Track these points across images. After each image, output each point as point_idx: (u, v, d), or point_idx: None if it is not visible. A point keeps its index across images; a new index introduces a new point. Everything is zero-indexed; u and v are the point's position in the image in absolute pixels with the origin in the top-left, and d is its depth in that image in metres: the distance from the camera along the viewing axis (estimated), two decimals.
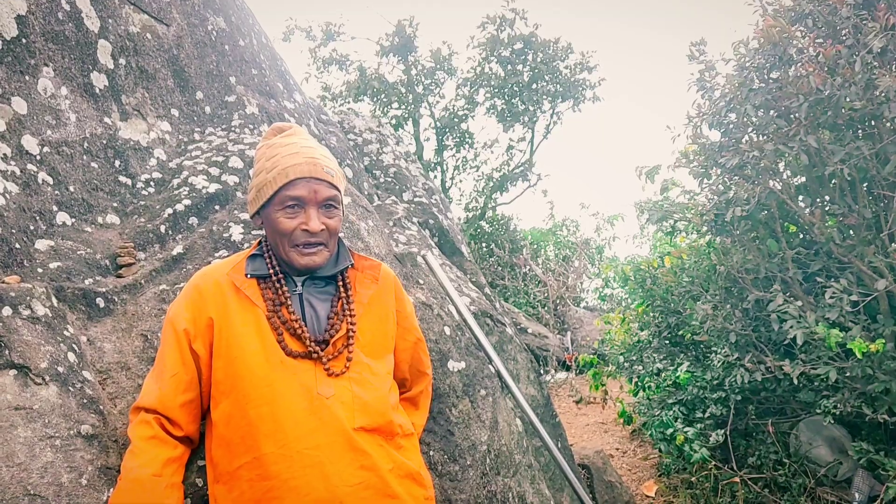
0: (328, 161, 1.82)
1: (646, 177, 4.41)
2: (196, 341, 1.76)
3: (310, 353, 1.73)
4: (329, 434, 1.66)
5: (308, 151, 1.80)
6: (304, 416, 1.66)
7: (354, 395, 1.72)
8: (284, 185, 1.74)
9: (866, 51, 3.15)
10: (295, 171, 1.74)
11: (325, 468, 1.62)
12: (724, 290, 4.11)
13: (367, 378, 1.79)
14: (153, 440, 1.70)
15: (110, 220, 2.58)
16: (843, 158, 3.25)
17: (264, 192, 1.77)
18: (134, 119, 2.86)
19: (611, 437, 5.98)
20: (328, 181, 1.78)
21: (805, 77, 3.24)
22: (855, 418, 3.74)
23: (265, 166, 1.80)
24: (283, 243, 1.77)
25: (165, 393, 1.74)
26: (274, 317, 1.76)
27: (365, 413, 1.72)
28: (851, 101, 3.20)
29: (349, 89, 11.93)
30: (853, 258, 3.43)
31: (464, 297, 3.37)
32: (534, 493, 2.86)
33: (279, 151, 1.80)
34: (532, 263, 12.00)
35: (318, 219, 1.76)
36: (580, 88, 11.72)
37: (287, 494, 1.60)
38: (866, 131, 3.46)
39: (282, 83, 3.71)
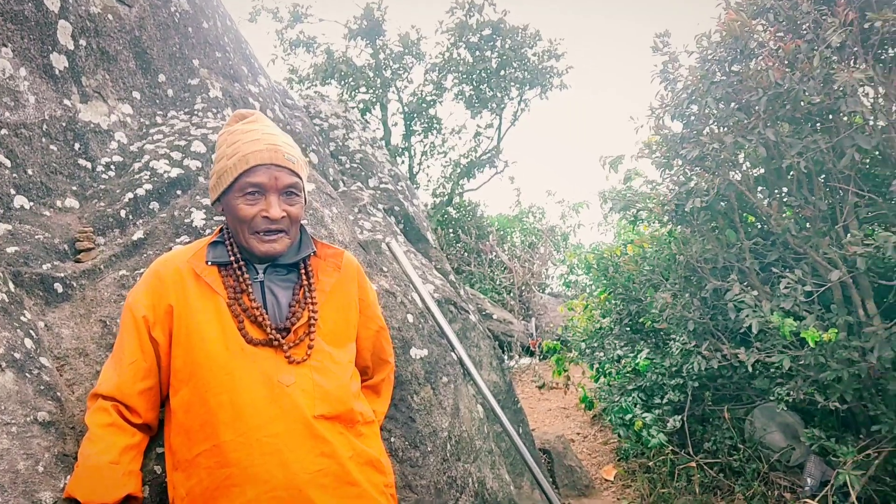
0: (290, 148, 1.82)
1: (609, 166, 4.45)
2: (155, 328, 1.75)
3: (270, 340, 1.73)
4: (289, 422, 1.66)
5: (269, 138, 1.79)
6: (264, 403, 1.66)
7: (315, 383, 1.73)
8: (245, 171, 1.73)
9: (825, 46, 3.22)
10: (255, 157, 1.73)
11: (285, 455, 1.63)
12: (683, 279, 4.19)
13: (329, 366, 1.79)
14: (111, 427, 1.70)
15: (69, 204, 2.55)
16: (800, 151, 3.32)
17: (225, 179, 1.77)
18: (94, 101, 2.82)
19: (572, 422, 6.07)
20: (289, 168, 1.78)
21: (765, 71, 3.30)
22: (808, 405, 3.84)
23: (226, 153, 1.79)
24: (243, 230, 1.77)
25: (124, 380, 1.73)
26: (235, 304, 1.75)
27: (325, 401, 1.73)
28: (810, 95, 3.27)
29: (316, 72, 11.82)
30: (808, 249, 3.51)
31: (428, 284, 3.39)
32: (494, 477, 2.91)
33: (240, 138, 1.79)
34: (498, 250, 12.07)
35: (279, 206, 1.75)
36: (548, 76, 11.76)
37: (246, 482, 1.60)
38: (824, 125, 3.53)
39: (246, 66, 3.67)
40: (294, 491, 1.61)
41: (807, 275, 3.45)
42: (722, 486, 4.04)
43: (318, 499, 1.63)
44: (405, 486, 2.40)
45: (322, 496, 1.64)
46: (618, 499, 4.40)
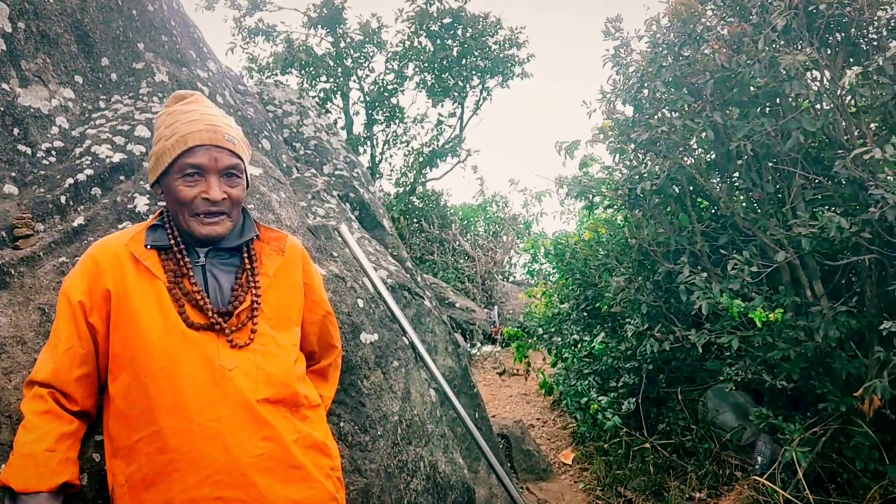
0: (230, 129, 1.79)
1: (565, 152, 4.47)
2: (92, 314, 1.71)
3: (212, 324, 1.70)
4: (231, 406, 1.64)
5: (209, 119, 1.76)
6: (205, 388, 1.63)
7: (258, 367, 1.71)
8: (183, 152, 1.70)
9: (770, 29, 3.26)
10: (194, 138, 1.70)
11: (227, 440, 1.61)
12: (636, 263, 4.24)
13: (272, 350, 1.77)
14: (47, 415, 1.66)
15: (8, 191, 2.49)
16: (747, 134, 3.36)
17: (163, 160, 1.73)
18: (34, 85, 2.75)
19: (532, 407, 6.11)
20: (229, 149, 1.75)
21: (712, 54, 3.34)
22: (757, 385, 3.92)
23: (164, 134, 1.76)
24: (183, 212, 1.73)
25: (60, 366, 1.69)
26: (175, 288, 1.72)
27: (269, 384, 1.71)
28: (756, 79, 3.32)
29: (276, 61, 11.66)
30: (757, 231, 3.57)
31: (381, 270, 3.38)
32: (447, 461, 2.92)
33: (179, 118, 1.76)
34: (461, 239, 12.08)
35: (220, 187, 1.73)
36: (509, 64, 11.75)
37: (187, 467, 1.58)
38: (770, 108, 3.59)
39: (195, 51, 3.61)
40: (237, 475, 1.59)
41: (755, 256, 3.51)
42: (675, 466, 4.11)
43: (261, 482, 1.62)
44: (354, 471, 2.39)
45: (265, 480, 1.63)
46: (575, 482, 4.45)
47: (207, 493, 1.57)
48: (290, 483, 1.68)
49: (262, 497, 1.61)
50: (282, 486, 1.66)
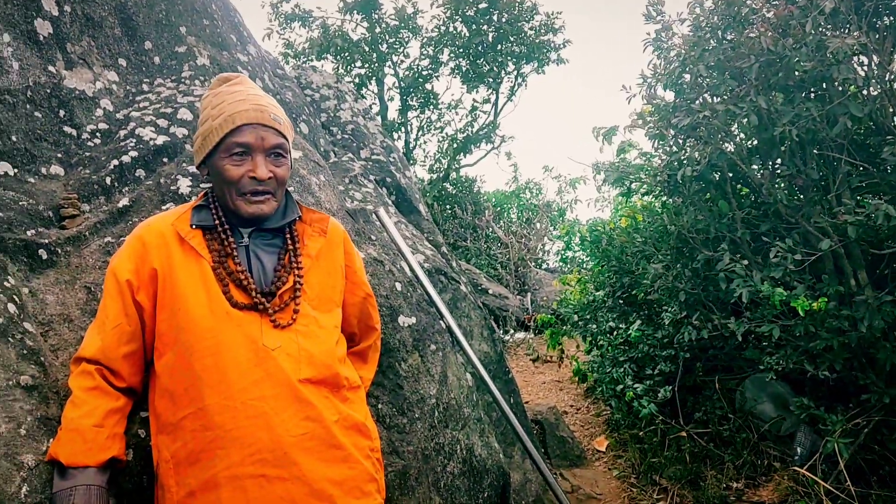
0: (275, 109, 1.80)
1: (603, 138, 4.43)
2: (139, 292, 1.74)
3: (255, 304, 1.71)
4: (274, 385, 1.65)
5: (255, 99, 1.78)
6: (249, 367, 1.65)
7: (300, 348, 1.72)
8: (231, 131, 1.72)
9: (818, 12, 3.18)
10: (241, 116, 1.72)
11: (270, 419, 1.63)
12: (675, 250, 4.18)
13: (314, 331, 1.79)
14: (95, 391, 1.69)
15: (54, 171, 2.54)
16: (792, 120, 3.29)
17: (210, 140, 1.75)
18: (79, 68, 2.79)
19: (566, 394, 6.09)
20: (275, 128, 1.76)
21: (757, 37, 3.27)
22: (798, 375, 3.85)
23: (211, 114, 1.77)
24: (230, 192, 1.75)
25: (108, 344, 1.72)
26: (219, 268, 1.74)
27: (311, 365, 1.72)
28: (802, 63, 3.24)
29: (312, 47, 11.70)
30: (800, 219, 3.50)
31: (418, 254, 3.38)
32: (483, 445, 2.92)
33: (225, 99, 1.77)
34: (494, 225, 12.05)
35: (266, 166, 1.74)
36: (545, 50, 11.65)
37: (231, 444, 1.60)
38: (816, 93, 3.51)
39: (235, 35, 3.63)
40: (279, 453, 1.61)
41: (798, 244, 3.45)
42: (712, 455, 4.07)
43: (302, 461, 1.63)
44: (392, 452, 2.41)
45: (307, 459, 1.64)
46: (609, 469, 4.44)
47: (251, 471, 1.59)
48: (331, 463, 1.69)
49: (303, 476, 1.62)
50: (323, 465, 1.67)
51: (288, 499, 1.60)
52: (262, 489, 1.58)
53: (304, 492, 1.62)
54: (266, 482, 1.59)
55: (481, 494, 2.79)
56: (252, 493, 1.58)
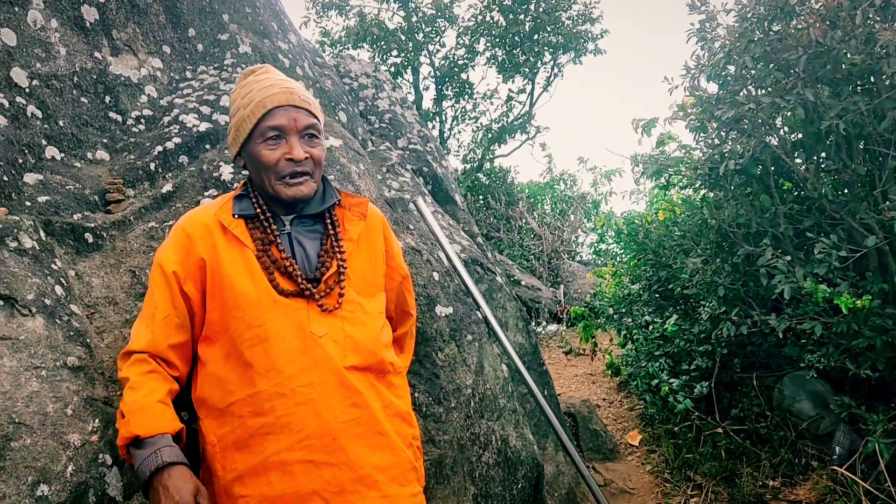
0: (304, 91, 1.82)
1: (642, 130, 4.37)
2: (186, 283, 1.74)
3: (302, 291, 1.72)
4: (321, 372, 1.66)
5: (283, 83, 1.80)
6: (297, 354, 1.66)
7: (346, 335, 1.73)
8: (263, 115, 1.73)
9: (868, 3, 3.10)
10: (272, 100, 1.74)
11: (318, 405, 1.64)
12: (714, 245, 4.12)
13: (360, 317, 1.79)
14: (152, 374, 1.69)
15: (100, 156, 2.57)
16: (839, 113, 3.22)
17: (244, 128, 1.77)
18: (125, 55, 2.83)
19: (598, 387, 6.06)
20: (306, 109, 1.78)
21: (805, 29, 3.20)
22: (839, 373, 3.78)
23: (241, 104, 1.79)
24: (268, 177, 1.76)
25: (157, 335, 1.72)
26: (264, 256, 1.75)
27: (356, 352, 1.73)
28: (851, 55, 3.17)
29: (348, 35, 11.74)
30: (845, 214, 3.43)
31: (455, 244, 3.38)
32: (517, 436, 2.91)
33: (253, 88, 1.79)
34: (528, 217, 12.01)
35: (301, 147, 1.75)
36: (582, 40, 11.56)
37: (280, 430, 1.61)
38: (864, 86, 3.42)
39: (276, 23, 3.65)
40: (327, 440, 1.63)
41: (842, 240, 3.38)
42: (748, 452, 4.02)
43: (350, 447, 1.64)
44: (428, 441, 2.41)
45: (354, 445, 1.65)
46: (642, 463, 4.40)
47: (299, 457, 1.60)
48: (376, 450, 1.70)
49: (350, 462, 1.63)
50: (369, 451, 1.68)
51: (335, 484, 1.61)
52: (309, 474, 1.60)
53: (351, 477, 1.63)
54: (314, 467, 1.60)
55: (515, 485, 2.79)
56: (300, 478, 1.59)
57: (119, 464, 1.82)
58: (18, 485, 1.56)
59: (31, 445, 1.63)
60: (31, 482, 1.59)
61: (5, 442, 1.59)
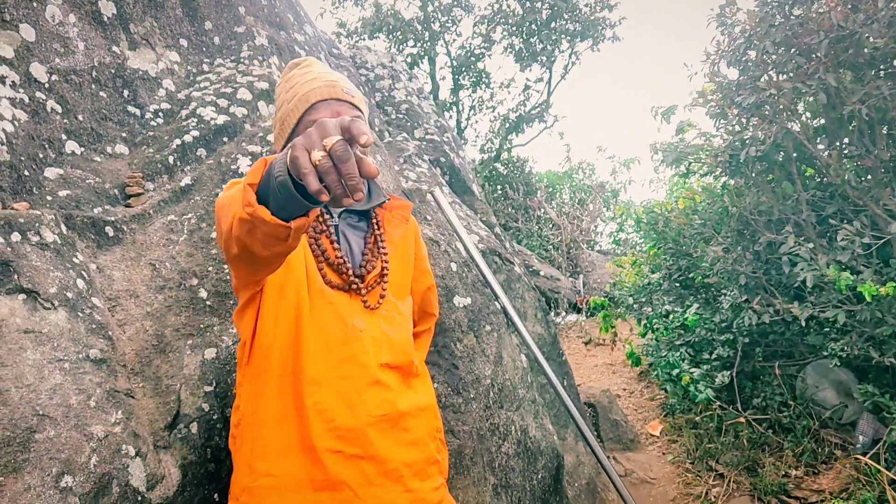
0: (346, 83, 1.80)
1: (661, 117, 4.34)
2: None
3: (349, 284, 1.73)
4: (358, 366, 1.68)
5: (326, 76, 1.77)
6: (337, 345, 1.68)
7: (383, 332, 1.75)
8: (307, 110, 1.72)
9: None
10: (314, 94, 1.72)
11: (352, 398, 1.65)
12: (735, 233, 4.08)
13: (396, 317, 1.81)
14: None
15: (119, 150, 2.59)
16: (861, 98, 3.17)
17: (288, 123, 1.76)
18: (142, 49, 2.83)
19: (619, 377, 6.04)
20: (350, 102, 1.75)
21: (827, 13, 3.15)
22: (862, 362, 3.74)
23: (286, 98, 1.78)
24: None
25: None
26: (314, 244, 1.75)
27: (391, 350, 1.75)
28: (873, 39, 3.12)
29: (364, 26, 11.73)
30: (868, 201, 3.38)
31: (472, 234, 3.37)
32: (537, 427, 2.91)
33: (297, 82, 1.78)
34: (546, 206, 11.95)
35: None
36: (599, 27, 11.45)
37: (315, 417, 1.62)
38: (887, 70, 3.37)
39: (292, 15, 3.65)
40: (358, 432, 1.64)
41: (865, 227, 3.33)
42: (770, 442, 3.98)
43: (378, 442, 1.66)
44: (448, 432, 2.41)
45: (382, 440, 1.67)
46: (663, 453, 4.38)
47: (330, 445, 1.62)
48: (402, 445, 1.72)
49: (377, 455, 1.65)
50: (395, 447, 1.70)
51: (362, 476, 1.62)
52: (338, 465, 1.61)
53: (378, 471, 1.64)
54: (343, 458, 1.62)
55: (535, 475, 2.78)
56: (330, 466, 1.60)
57: (142, 455, 1.84)
58: (43, 476, 1.58)
59: (55, 437, 1.65)
60: (55, 473, 1.60)
61: (30, 434, 1.61)
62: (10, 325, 1.75)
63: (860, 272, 3.28)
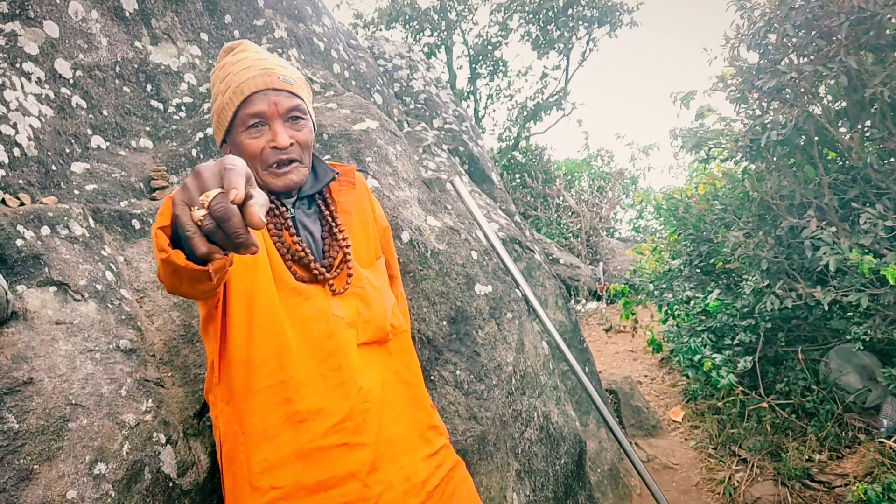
0: (284, 70, 1.69)
1: (681, 103, 4.31)
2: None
3: (316, 276, 1.68)
4: (346, 354, 1.65)
5: (260, 63, 1.67)
6: (323, 340, 1.64)
7: (359, 313, 1.71)
8: (241, 103, 1.62)
9: None
10: (249, 85, 1.62)
11: (348, 388, 1.63)
12: (757, 217, 4.06)
13: (370, 293, 1.76)
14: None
15: (143, 144, 2.63)
16: (883, 80, 3.14)
17: (225, 116, 1.67)
18: (164, 43, 2.87)
19: (640, 364, 6.03)
20: (288, 90, 1.65)
21: None
22: (886, 345, 3.72)
23: (220, 89, 1.68)
24: (255, 167, 1.65)
25: None
26: (278, 242, 1.68)
27: (366, 329, 1.72)
28: (894, 21, 3.08)
29: (381, 16, 11.75)
30: (891, 183, 3.35)
31: (492, 223, 3.38)
32: (559, 413, 2.93)
33: (230, 70, 1.67)
34: (565, 194, 11.93)
35: (286, 133, 1.64)
36: (617, 13, 11.39)
37: (314, 416, 1.59)
38: None
39: (310, 6, 3.67)
40: (358, 420, 1.62)
41: (888, 210, 3.30)
42: (794, 427, 3.97)
43: (375, 424, 1.66)
44: (471, 418, 2.44)
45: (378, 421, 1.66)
46: (685, 439, 4.39)
47: (335, 441, 1.59)
48: (393, 422, 1.71)
49: (377, 439, 1.65)
50: (388, 425, 1.69)
51: (368, 463, 1.62)
52: (344, 458, 1.59)
53: (378, 453, 1.64)
54: (349, 450, 1.60)
55: (558, 461, 2.80)
56: (338, 462, 1.58)
57: (172, 442, 1.88)
58: (77, 464, 1.62)
59: (88, 426, 1.69)
60: (88, 461, 1.64)
61: (63, 423, 1.65)
62: (42, 317, 1.79)
63: (883, 255, 3.25)
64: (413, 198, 2.75)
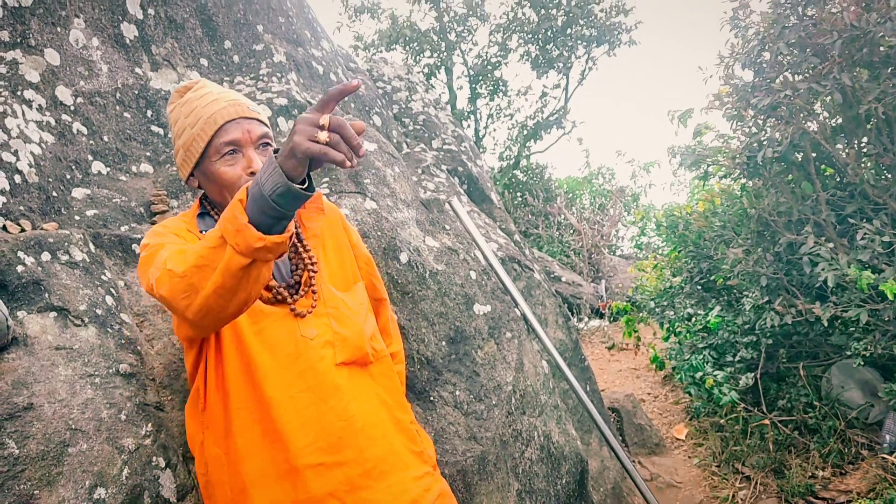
0: (248, 101, 1.74)
1: (678, 121, 4.35)
2: None
3: (278, 298, 1.68)
4: (317, 375, 1.65)
5: (227, 95, 1.72)
6: (291, 360, 1.64)
7: (335, 332, 1.71)
8: (216, 132, 1.65)
9: None
10: (222, 115, 1.65)
11: (320, 407, 1.63)
12: (755, 234, 4.08)
13: (345, 313, 1.76)
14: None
15: (144, 169, 2.65)
16: (878, 97, 3.17)
17: (195, 148, 1.68)
18: (164, 69, 2.90)
19: (643, 382, 6.02)
20: (257, 118, 1.70)
21: (840, 13, 3.15)
22: (887, 361, 3.72)
23: (187, 123, 1.70)
24: (231, 195, 1.64)
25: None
26: None
27: (344, 349, 1.71)
28: (887, 38, 3.12)
29: (381, 38, 11.85)
30: (888, 199, 3.37)
31: (491, 242, 3.40)
32: (560, 432, 2.93)
33: (196, 105, 1.70)
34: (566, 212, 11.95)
35: (259, 159, 1.66)
36: (616, 32, 11.47)
37: (288, 437, 1.60)
38: None
39: (309, 31, 3.71)
40: (333, 439, 1.62)
41: (885, 225, 3.32)
42: (797, 443, 3.96)
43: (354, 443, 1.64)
44: (470, 438, 2.44)
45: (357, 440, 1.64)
46: (689, 457, 4.37)
47: (310, 461, 1.59)
48: (376, 441, 1.69)
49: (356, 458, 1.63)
50: (370, 445, 1.67)
51: (346, 482, 1.61)
52: (321, 477, 1.59)
53: (359, 472, 1.63)
54: (325, 469, 1.60)
55: (559, 481, 2.80)
56: (313, 482, 1.58)
57: (171, 466, 1.88)
58: (77, 489, 1.63)
59: (88, 450, 1.70)
60: (88, 486, 1.65)
61: (63, 448, 1.66)
62: (42, 343, 1.80)
63: (882, 270, 3.26)
64: (411, 219, 2.77)
